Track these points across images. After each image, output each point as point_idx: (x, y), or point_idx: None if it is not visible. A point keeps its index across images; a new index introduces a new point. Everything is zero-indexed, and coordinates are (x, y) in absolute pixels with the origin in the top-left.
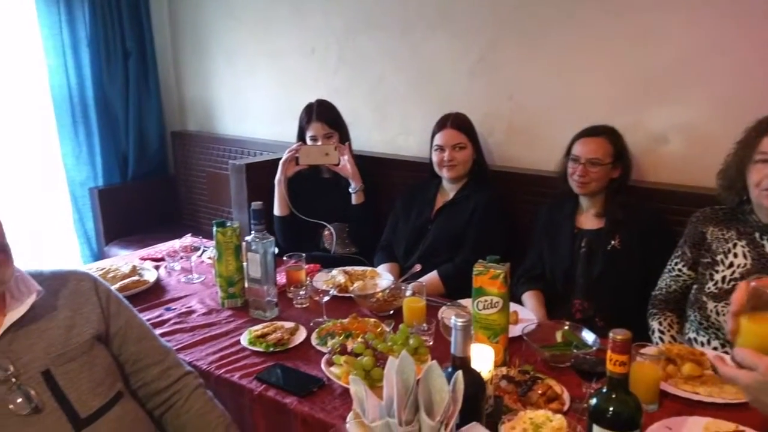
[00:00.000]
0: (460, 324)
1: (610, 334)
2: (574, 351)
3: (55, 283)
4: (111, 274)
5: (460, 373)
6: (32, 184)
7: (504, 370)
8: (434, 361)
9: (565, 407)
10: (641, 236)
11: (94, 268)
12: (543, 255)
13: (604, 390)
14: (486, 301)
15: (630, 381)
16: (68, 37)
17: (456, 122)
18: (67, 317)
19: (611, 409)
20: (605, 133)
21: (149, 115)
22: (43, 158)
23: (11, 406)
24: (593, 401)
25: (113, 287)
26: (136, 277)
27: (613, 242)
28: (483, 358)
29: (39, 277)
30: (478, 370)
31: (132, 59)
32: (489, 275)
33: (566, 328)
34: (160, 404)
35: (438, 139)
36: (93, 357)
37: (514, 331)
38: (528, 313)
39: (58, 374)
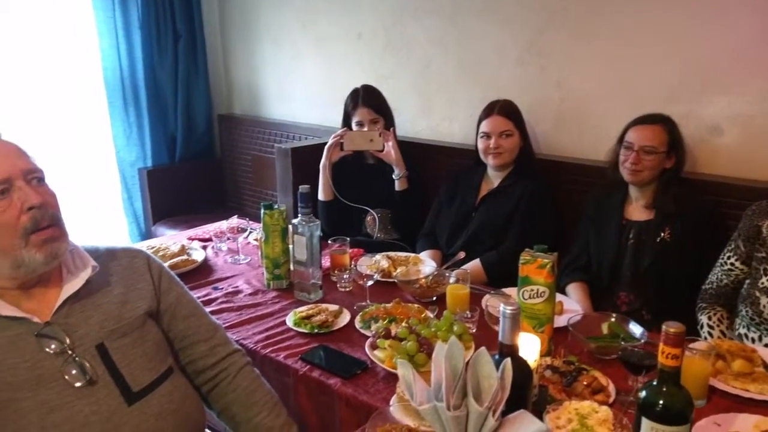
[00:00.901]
0: (509, 312)
1: (663, 327)
2: (622, 343)
3: (109, 259)
4: (161, 253)
5: (509, 361)
6: (84, 164)
7: (548, 360)
8: (483, 348)
9: (611, 399)
10: (693, 229)
11: (144, 247)
12: (589, 246)
13: (655, 383)
14: (532, 290)
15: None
16: (121, 20)
17: (504, 109)
18: (121, 293)
19: (661, 402)
20: (661, 121)
21: (197, 97)
22: (95, 139)
23: (67, 377)
24: (642, 394)
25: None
26: (184, 257)
27: (662, 234)
28: (529, 347)
29: (94, 252)
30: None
31: (182, 42)
32: (536, 264)
33: (613, 320)
34: (208, 381)
35: (484, 126)
36: (145, 333)
37: (559, 321)
38: (573, 304)
39: (112, 348)
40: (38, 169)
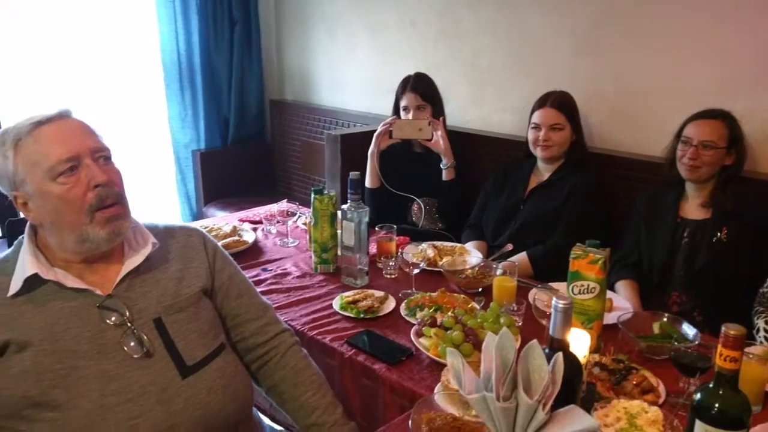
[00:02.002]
0: (561, 306)
1: (723, 328)
2: (675, 344)
3: (168, 236)
4: (213, 233)
5: (560, 355)
6: (142, 145)
7: (597, 357)
8: (535, 341)
9: (661, 400)
10: (752, 230)
11: (199, 226)
12: (640, 243)
13: (711, 385)
14: (582, 285)
15: None
16: (180, 5)
17: (557, 101)
18: (178, 270)
19: (717, 405)
20: (721, 116)
21: (250, 82)
22: (153, 120)
23: (126, 348)
24: (697, 396)
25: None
26: (236, 237)
27: (719, 234)
28: (579, 343)
29: (154, 230)
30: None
31: (237, 27)
32: (588, 260)
33: (665, 319)
34: (257, 359)
35: (536, 117)
36: (199, 309)
37: (608, 318)
38: (622, 302)
39: (168, 323)
40: (106, 147)
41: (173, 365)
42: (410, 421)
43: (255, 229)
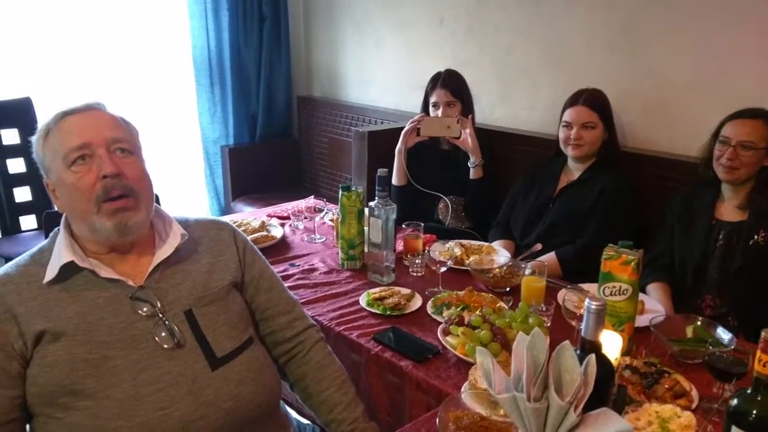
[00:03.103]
0: (594, 307)
1: (763, 333)
2: (709, 348)
3: (198, 230)
4: (242, 228)
5: (593, 357)
6: (171, 140)
7: (628, 359)
8: (567, 341)
9: (693, 405)
10: None
11: (228, 221)
12: (673, 245)
13: (749, 391)
14: (614, 287)
15: None
16: (210, 2)
17: (589, 99)
18: (209, 263)
19: (755, 412)
20: (762, 115)
21: (279, 79)
22: (183, 116)
23: (157, 339)
24: (734, 402)
25: None
26: (264, 232)
27: (756, 237)
28: (610, 345)
29: (184, 223)
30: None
31: (266, 24)
32: (620, 261)
33: (698, 323)
34: (284, 353)
35: (567, 115)
36: (229, 302)
37: (640, 321)
38: (654, 304)
39: (199, 315)
40: (127, 140)
41: (203, 357)
42: (437, 419)
43: (283, 225)
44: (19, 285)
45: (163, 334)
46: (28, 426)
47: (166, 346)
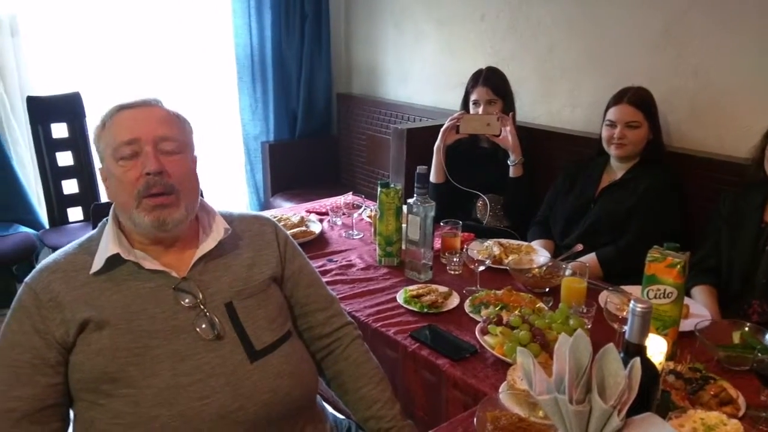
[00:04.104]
0: (639, 310)
1: None
2: (758, 355)
3: (241, 224)
4: (282, 223)
5: (638, 360)
6: (214, 135)
7: (671, 364)
8: (611, 344)
9: (740, 413)
10: None
11: (267, 215)
12: (720, 248)
13: None
14: (659, 290)
15: None
16: None
17: (634, 98)
18: (250, 257)
19: None
20: None
21: (319, 76)
22: (225, 112)
23: (198, 330)
24: None
25: None
26: (303, 228)
27: None
28: (654, 349)
29: (228, 217)
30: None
31: (308, 22)
32: (666, 263)
33: (746, 329)
34: (321, 348)
35: (611, 114)
36: (268, 296)
37: (685, 325)
38: (700, 308)
39: (239, 308)
40: (175, 139)
41: (242, 349)
42: (475, 419)
43: (321, 221)
44: (67, 273)
45: (204, 325)
46: (71, 410)
47: (206, 337)
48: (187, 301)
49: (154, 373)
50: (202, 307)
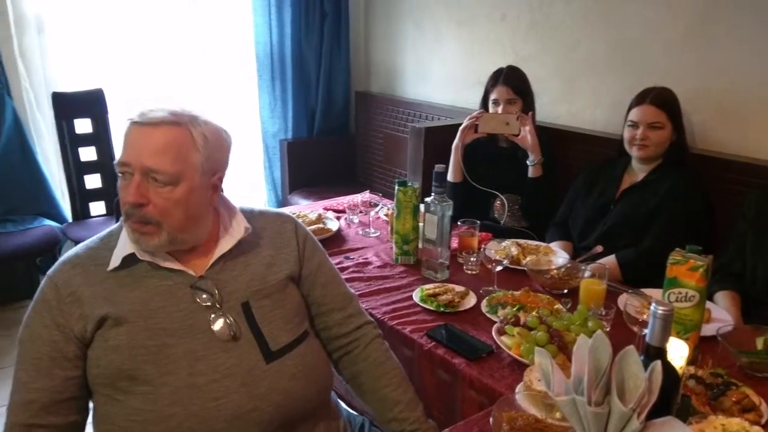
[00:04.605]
0: (661, 312)
1: None
2: None
3: (262, 222)
4: (300, 220)
5: (659, 363)
6: (233, 132)
7: (692, 369)
8: (632, 346)
9: (763, 420)
10: None
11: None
12: (745, 252)
13: None
14: (680, 293)
15: None
16: None
17: (658, 99)
18: (269, 255)
19: None
20: None
21: (338, 74)
22: (244, 109)
23: (214, 330)
24: None
25: None
26: (321, 225)
27: None
28: (675, 353)
29: (249, 214)
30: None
31: (328, 20)
32: (688, 266)
33: None
34: (339, 348)
35: (633, 115)
36: (286, 295)
37: (706, 330)
38: (722, 313)
39: (255, 307)
40: (166, 172)
41: (258, 350)
42: (491, 419)
43: (338, 218)
44: (86, 268)
45: (221, 325)
46: (90, 401)
47: (222, 337)
48: (204, 298)
49: (170, 372)
50: (218, 306)
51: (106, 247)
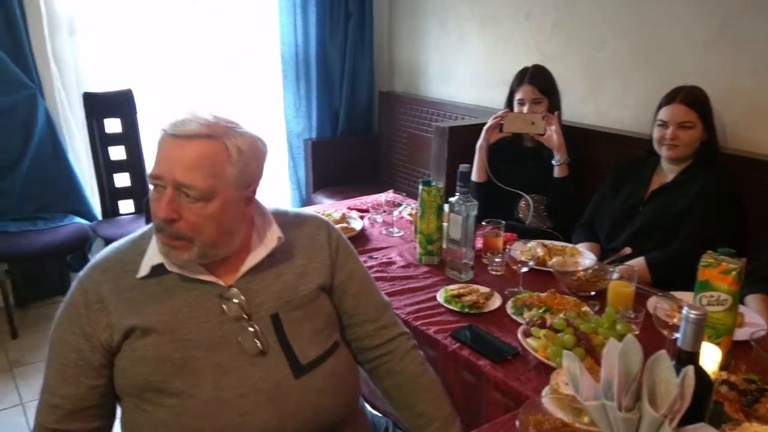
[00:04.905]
0: (693, 316)
1: None
2: None
3: (295, 227)
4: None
5: (692, 369)
6: (258, 132)
7: (725, 374)
8: (663, 351)
9: None
10: None
11: (310, 211)
12: None
13: None
14: (712, 296)
15: None
16: None
17: (688, 98)
18: (301, 265)
19: None
20: None
21: (361, 74)
22: (269, 109)
23: (242, 342)
24: None
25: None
26: (345, 224)
27: None
28: (707, 358)
29: (283, 217)
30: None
31: (352, 20)
32: (720, 269)
33: None
34: (371, 360)
35: (663, 114)
36: (316, 307)
37: (739, 334)
38: (755, 317)
39: (285, 319)
40: (198, 188)
41: (287, 363)
42: (517, 422)
43: (362, 218)
44: (116, 274)
45: (249, 338)
46: (119, 406)
47: (250, 350)
48: (233, 311)
49: (196, 385)
50: (246, 317)
51: (136, 251)
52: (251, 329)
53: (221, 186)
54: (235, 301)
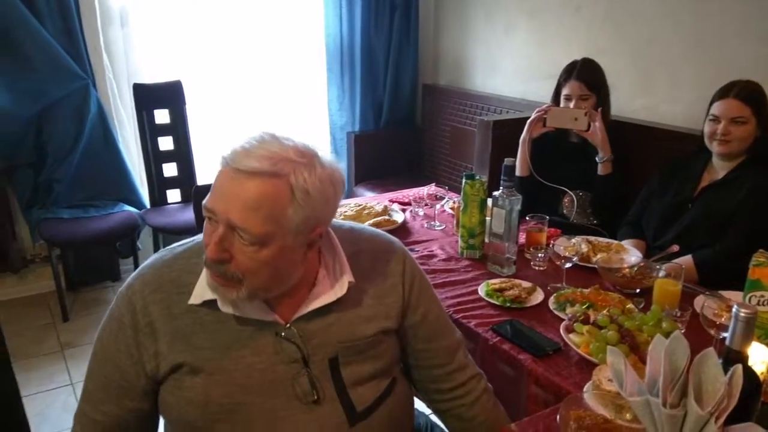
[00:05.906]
0: (743, 315)
1: None
2: None
3: (368, 258)
4: (366, 211)
5: (740, 367)
6: (301, 124)
7: None
8: (711, 349)
9: None
10: None
11: (351, 204)
12: None
13: None
14: (762, 296)
15: None
16: None
17: (743, 93)
18: (370, 306)
19: None
20: None
21: (406, 67)
22: (313, 101)
23: (296, 388)
24: None
25: (368, 223)
26: (386, 216)
27: None
28: (756, 358)
29: (353, 241)
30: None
31: (397, 13)
32: None
33: None
34: (437, 401)
35: (715, 109)
36: (380, 351)
37: None
38: None
39: (344, 364)
40: (251, 232)
41: (342, 411)
42: (558, 417)
43: (403, 211)
44: (169, 295)
45: (304, 383)
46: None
47: (305, 397)
48: (288, 352)
49: None
50: (303, 360)
51: (192, 271)
52: (307, 374)
53: (279, 233)
54: (292, 341)
